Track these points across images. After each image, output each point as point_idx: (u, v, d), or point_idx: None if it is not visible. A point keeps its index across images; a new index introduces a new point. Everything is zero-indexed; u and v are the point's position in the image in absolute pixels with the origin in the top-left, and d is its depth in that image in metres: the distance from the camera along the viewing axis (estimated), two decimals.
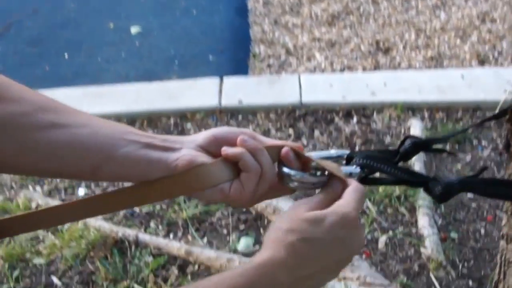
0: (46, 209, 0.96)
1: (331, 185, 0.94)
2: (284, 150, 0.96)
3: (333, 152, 1.06)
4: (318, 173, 0.98)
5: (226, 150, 0.93)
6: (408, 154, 1.08)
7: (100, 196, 0.96)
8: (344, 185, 0.93)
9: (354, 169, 1.00)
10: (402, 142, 1.08)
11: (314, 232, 0.84)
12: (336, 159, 1.06)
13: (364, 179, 1.02)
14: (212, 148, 0.94)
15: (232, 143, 0.94)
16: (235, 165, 0.93)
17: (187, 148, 0.93)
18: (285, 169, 0.96)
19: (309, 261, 0.85)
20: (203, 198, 0.96)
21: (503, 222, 1.58)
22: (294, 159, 0.96)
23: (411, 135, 1.09)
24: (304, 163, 0.98)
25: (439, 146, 1.13)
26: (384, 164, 1.02)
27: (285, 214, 0.89)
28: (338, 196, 0.91)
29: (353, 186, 0.92)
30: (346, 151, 1.06)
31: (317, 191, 0.97)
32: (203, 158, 0.93)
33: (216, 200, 0.96)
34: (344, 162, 1.05)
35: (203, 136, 0.95)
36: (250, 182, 0.93)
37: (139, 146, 0.90)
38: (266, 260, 0.84)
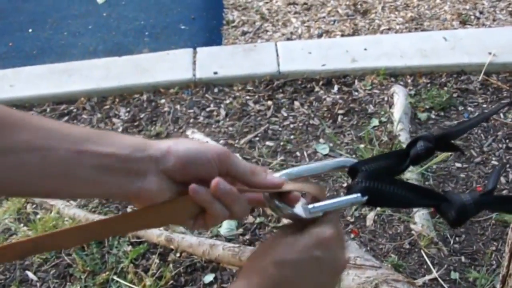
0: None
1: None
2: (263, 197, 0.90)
3: (334, 162, 0.96)
4: (311, 206, 0.87)
5: (195, 193, 0.83)
6: (420, 158, 0.97)
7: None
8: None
9: (356, 198, 0.89)
10: (414, 143, 0.97)
11: (286, 253, 0.81)
12: (337, 170, 0.96)
13: (369, 202, 0.91)
14: (178, 176, 0.83)
15: (203, 170, 0.84)
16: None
17: (151, 174, 0.81)
18: (277, 203, 0.88)
19: (285, 285, 0.80)
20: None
21: None
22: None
23: (423, 136, 0.98)
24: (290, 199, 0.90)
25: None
26: (391, 186, 0.91)
27: (262, 243, 0.87)
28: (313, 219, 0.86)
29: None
30: (350, 160, 0.95)
31: None
32: (167, 191, 0.83)
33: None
34: (346, 173, 0.95)
35: (172, 160, 0.82)
36: (216, 221, 0.87)
37: (96, 171, 0.79)
38: None
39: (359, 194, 0.89)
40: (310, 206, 0.87)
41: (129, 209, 2.92)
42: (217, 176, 0.83)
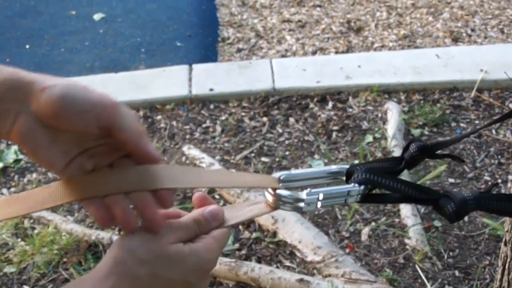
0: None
1: (205, 217, 0.85)
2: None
3: (333, 167, 0.97)
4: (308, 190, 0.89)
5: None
6: (414, 160, 0.98)
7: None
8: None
9: (353, 187, 0.90)
10: (407, 147, 0.98)
11: (168, 271, 0.77)
12: (336, 175, 0.97)
13: (366, 197, 0.92)
14: (51, 122, 0.74)
15: (78, 120, 0.74)
16: None
17: (23, 115, 0.73)
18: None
19: None
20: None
21: (506, 227, 1.51)
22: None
23: (416, 139, 0.99)
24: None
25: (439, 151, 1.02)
26: (388, 179, 0.91)
27: (147, 238, 0.78)
28: (207, 232, 0.83)
29: (223, 230, 0.85)
30: (345, 166, 0.96)
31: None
32: (39, 135, 0.75)
33: None
34: (344, 178, 0.96)
35: (43, 103, 0.73)
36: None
37: None
38: None
39: (356, 184, 0.92)
40: (307, 190, 0.89)
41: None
42: (95, 129, 0.75)
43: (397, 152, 3.14)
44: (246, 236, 2.80)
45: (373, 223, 2.84)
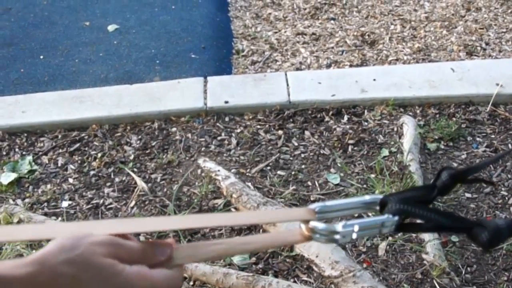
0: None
1: (152, 248, 0.85)
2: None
3: (367, 198, 0.98)
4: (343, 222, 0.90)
5: None
6: (447, 188, 0.98)
7: None
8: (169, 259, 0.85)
9: (387, 218, 0.91)
10: (438, 175, 0.99)
11: (92, 279, 0.76)
12: (370, 205, 0.97)
13: (400, 227, 0.92)
14: None
15: None
16: None
17: None
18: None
19: None
20: None
21: None
22: None
23: (447, 167, 0.99)
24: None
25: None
26: (421, 209, 0.92)
27: (84, 244, 0.78)
28: (152, 264, 0.83)
29: (167, 272, 0.84)
30: (379, 196, 0.96)
31: None
32: None
33: None
34: (378, 207, 0.96)
35: None
36: None
37: None
38: (23, 275, 0.73)
39: (390, 215, 0.91)
40: (343, 222, 0.90)
41: (141, 237, 2.94)
42: None
43: (413, 167, 3.13)
44: (262, 251, 2.79)
45: (390, 238, 2.82)
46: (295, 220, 0.94)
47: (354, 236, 0.91)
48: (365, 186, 3.11)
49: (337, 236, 0.90)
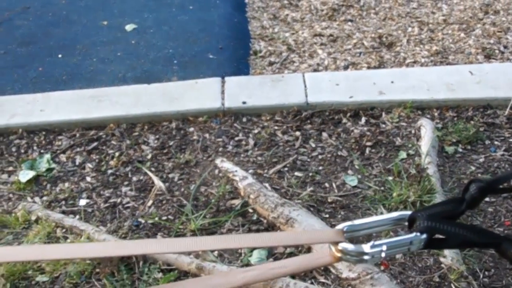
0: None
1: None
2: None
3: (395, 215, 1.00)
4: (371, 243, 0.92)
5: None
6: (475, 201, 0.98)
7: None
8: None
9: (415, 236, 0.92)
10: (467, 188, 0.99)
11: None
12: (398, 221, 1.00)
13: (428, 243, 0.93)
14: None
15: None
16: None
17: None
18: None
19: None
20: None
21: None
22: None
23: (476, 179, 1.00)
24: None
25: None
26: (450, 225, 0.94)
27: None
28: None
29: None
30: (407, 213, 0.97)
31: None
32: None
33: None
34: (406, 224, 0.99)
35: None
36: None
37: None
38: None
39: (418, 233, 0.92)
40: (371, 243, 0.90)
41: (158, 236, 2.95)
42: None
43: (431, 169, 3.12)
44: (280, 251, 2.79)
45: None
46: (324, 242, 0.95)
47: (383, 255, 0.92)
48: (382, 188, 3.10)
49: (366, 257, 0.91)
